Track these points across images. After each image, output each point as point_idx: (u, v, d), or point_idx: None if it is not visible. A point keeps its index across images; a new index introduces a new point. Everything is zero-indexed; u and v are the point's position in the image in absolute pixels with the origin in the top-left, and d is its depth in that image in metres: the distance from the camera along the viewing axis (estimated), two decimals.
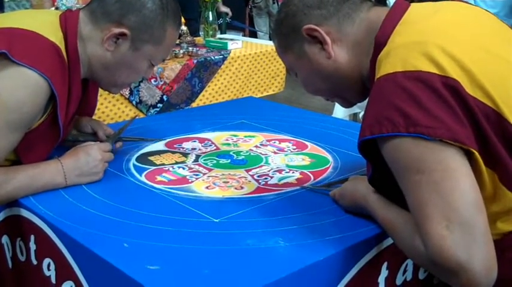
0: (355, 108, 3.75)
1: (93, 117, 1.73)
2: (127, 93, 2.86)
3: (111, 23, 1.42)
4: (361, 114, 3.48)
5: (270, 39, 4.50)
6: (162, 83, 3.01)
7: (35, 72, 1.30)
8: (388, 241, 1.23)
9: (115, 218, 1.27)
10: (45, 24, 1.40)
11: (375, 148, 1.09)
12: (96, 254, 1.13)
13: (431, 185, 0.99)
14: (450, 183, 0.98)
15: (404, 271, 1.30)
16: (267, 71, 3.57)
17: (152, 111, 3.00)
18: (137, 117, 1.71)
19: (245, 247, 1.15)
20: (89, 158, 1.43)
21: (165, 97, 3.03)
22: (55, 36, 1.38)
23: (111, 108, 2.86)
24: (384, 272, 1.25)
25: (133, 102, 2.92)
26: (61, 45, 1.39)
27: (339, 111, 3.74)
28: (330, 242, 1.17)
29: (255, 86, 3.52)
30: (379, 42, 1.16)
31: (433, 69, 1.03)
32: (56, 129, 1.42)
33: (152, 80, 2.96)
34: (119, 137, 1.62)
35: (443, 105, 1.01)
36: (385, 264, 1.25)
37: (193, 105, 3.17)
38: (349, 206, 1.29)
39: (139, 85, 2.90)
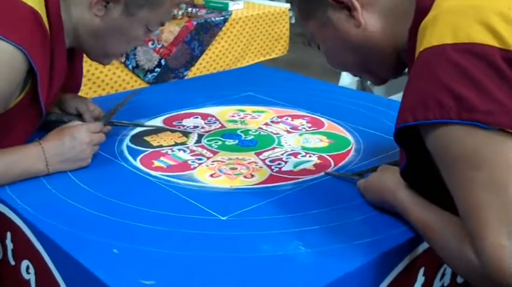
0: None
1: (84, 86, 1.51)
2: (122, 57, 2.66)
3: None
4: (368, 82, 3.23)
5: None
6: (160, 46, 2.82)
7: (10, 44, 1.11)
8: (426, 244, 1.04)
9: (104, 215, 1.07)
10: None
11: (414, 134, 0.90)
12: (80, 263, 0.94)
13: (489, 184, 0.81)
14: None
15: (442, 276, 1.12)
16: (270, 34, 3.41)
17: (150, 76, 2.82)
18: (134, 95, 1.49)
19: (259, 254, 0.96)
20: (75, 141, 1.23)
21: (163, 61, 2.86)
22: (33, 0, 1.17)
23: (107, 73, 2.67)
24: (420, 279, 1.07)
25: (130, 67, 2.75)
26: (41, 10, 1.18)
27: (347, 78, 3.53)
28: (359, 247, 0.98)
29: (257, 49, 3.37)
30: (422, 7, 0.96)
31: (491, 41, 0.85)
32: (36, 108, 1.23)
33: (149, 43, 2.77)
34: (110, 121, 1.42)
35: (504, 85, 0.83)
36: (422, 270, 1.07)
37: (193, 69, 2.99)
38: (374, 202, 1.11)
39: (135, 48, 2.71)
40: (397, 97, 2.77)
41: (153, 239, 1.00)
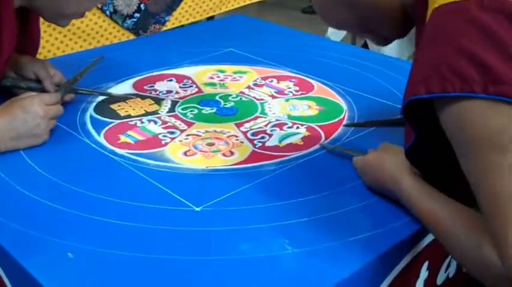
0: None
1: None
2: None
3: None
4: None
5: None
6: None
7: None
8: (431, 236, 0.91)
9: (59, 207, 0.92)
10: None
11: (425, 107, 0.76)
12: (27, 272, 0.79)
13: None
14: None
15: (447, 267, 0.99)
16: None
17: (129, 22, 2.62)
18: (98, 60, 1.32)
19: (237, 256, 0.82)
20: (28, 115, 1.07)
21: (142, 6, 2.65)
22: None
23: (82, 20, 2.46)
24: (424, 274, 0.94)
25: (107, 13, 2.54)
26: None
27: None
28: (355, 245, 0.84)
29: None
30: None
31: None
32: None
33: None
34: (73, 88, 1.25)
35: None
36: (426, 264, 0.93)
37: (175, 14, 2.77)
38: (371, 185, 0.96)
39: None
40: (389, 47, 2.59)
41: (115, 238, 0.85)
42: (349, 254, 0.82)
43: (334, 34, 3.41)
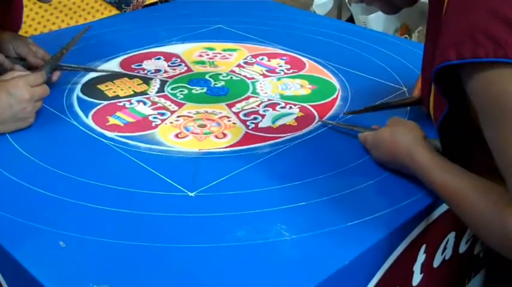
0: None
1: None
2: None
3: None
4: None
5: None
6: None
7: None
8: (431, 218, 0.90)
9: (49, 194, 0.90)
10: None
11: (454, 76, 0.73)
12: (17, 262, 0.77)
13: None
14: None
15: (444, 249, 0.98)
16: None
17: None
18: (84, 31, 1.28)
19: (233, 243, 0.80)
20: (12, 99, 1.03)
21: None
22: None
23: None
24: (421, 258, 0.93)
25: None
26: None
27: None
28: (358, 229, 0.82)
29: None
30: None
31: None
32: None
33: None
34: (58, 65, 1.21)
35: None
36: (423, 247, 0.92)
37: None
38: (383, 161, 0.94)
39: None
40: (375, 16, 2.55)
41: (106, 225, 0.83)
42: (349, 240, 0.81)
43: (320, 7, 3.37)
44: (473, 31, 0.68)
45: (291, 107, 1.15)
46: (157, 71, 1.30)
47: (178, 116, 1.11)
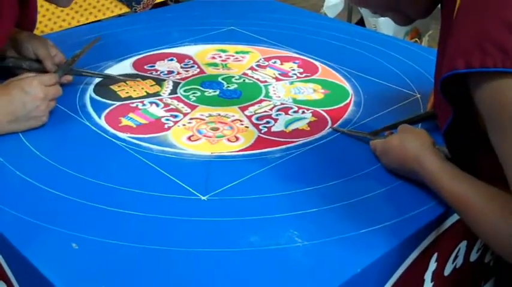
0: None
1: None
2: None
3: None
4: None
5: None
6: None
7: None
8: (443, 227, 0.89)
9: (61, 194, 0.90)
10: None
11: (461, 84, 0.73)
12: (29, 262, 0.77)
13: None
14: None
15: (455, 258, 0.98)
16: None
17: None
18: (96, 41, 1.28)
19: (245, 248, 0.80)
20: (27, 97, 1.03)
21: None
22: None
23: None
24: (432, 266, 0.93)
25: None
26: None
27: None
28: (370, 237, 0.82)
29: None
30: None
31: None
32: None
33: None
34: (71, 69, 1.21)
35: None
36: (435, 256, 0.92)
37: None
38: (393, 168, 0.94)
39: None
40: (386, 19, 2.54)
41: (118, 227, 0.83)
42: (360, 248, 0.81)
43: (331, 9, 3.37)
44: (482, 40, 0.68)
45: (303, 112, 1.15)
46: (170, 72, 1.30)
47: (191, 119, 1.11)
